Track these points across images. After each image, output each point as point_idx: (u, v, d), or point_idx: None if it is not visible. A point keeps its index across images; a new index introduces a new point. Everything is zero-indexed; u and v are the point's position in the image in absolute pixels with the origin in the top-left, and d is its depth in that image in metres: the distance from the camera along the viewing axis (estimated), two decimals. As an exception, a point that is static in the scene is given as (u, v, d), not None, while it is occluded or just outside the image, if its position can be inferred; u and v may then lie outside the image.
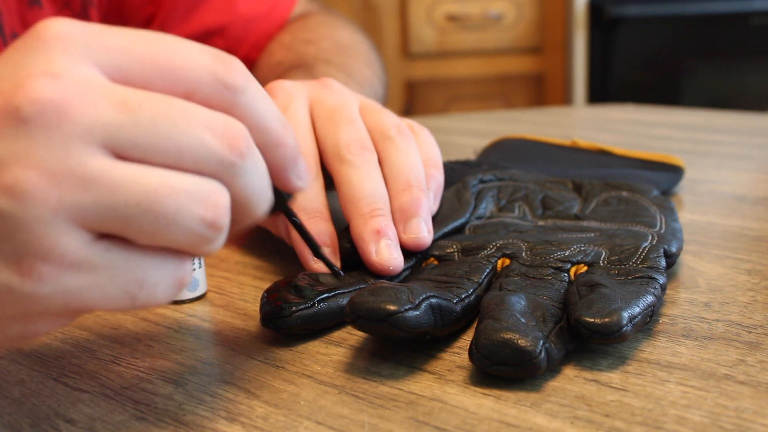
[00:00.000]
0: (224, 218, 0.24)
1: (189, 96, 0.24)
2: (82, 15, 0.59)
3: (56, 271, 0.22)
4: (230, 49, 0.67)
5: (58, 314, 0.24)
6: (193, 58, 0.24)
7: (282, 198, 0.29)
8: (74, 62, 0.22)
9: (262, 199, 0.26)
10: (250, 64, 0.68)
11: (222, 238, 0.24)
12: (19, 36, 0.53)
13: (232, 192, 0.24)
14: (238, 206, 0.25)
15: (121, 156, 0.22)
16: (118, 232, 0.23)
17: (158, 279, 0.24)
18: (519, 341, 0.27)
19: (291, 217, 0.31)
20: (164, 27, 0.65)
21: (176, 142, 0.23)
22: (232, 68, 0.24)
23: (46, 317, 0.24)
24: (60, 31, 0.23)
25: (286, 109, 0.39)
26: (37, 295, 0.22)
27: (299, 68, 0.57)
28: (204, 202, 0.23)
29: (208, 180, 0.23)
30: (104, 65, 0.23)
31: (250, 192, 0.25)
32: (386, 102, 0.64)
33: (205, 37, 0.66)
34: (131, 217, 0.22)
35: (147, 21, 0.65)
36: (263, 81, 0.60)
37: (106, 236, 0.23)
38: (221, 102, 0.24)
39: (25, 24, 0.54)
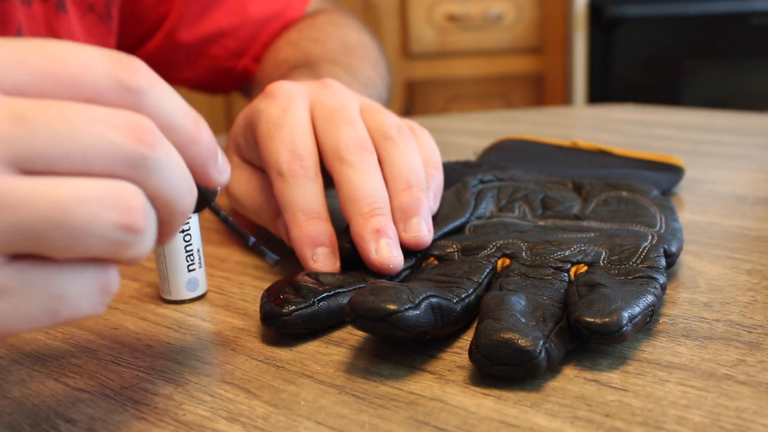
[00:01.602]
0: (140, 220, 0.22)
1: (90, 103, 0.23)
2: (106, 16, 0.59)
3: None
4: (241, 49, 0.67)
5: None
6: (90, 64, 0.23)
7: (205, 194, 0.28)
8: None
9: (184, 192, 0.24)
10: (258, 62, 0.68)
11: (146, 241, 0.23)
12: None
13: (149, 190, 0.23)
14: (160, 204, 0.24)
15: (26, 170, 0.21)
16: (31, 250, 0.21)
17: (80, 291, 0.23)
18: (519, 341, 0.27)
19: (217, 212, 0.31)
20: (177, 27, 0.65)
21: (79, 145, 0.21)
22: (132, 70, 0.23)
23: None
24: None
25: (287, 110, 0.39)
26: None
27: (303, 67, 0.57)
28: (115, 206, 0.22)
29: (119, 182, 0.22)
30: None
31: (168, 187, 0.24)
32: (387, 103, 0.64)
33: (217, 37, 0.66)
34: (41, 233, 0.21)
35: (160, 20, 0.65)
36: (267, 77, 0.61)
37: (18, 256, 0.22)
38: (125, 106, 0.23)
39: (53, 31, 0.53)
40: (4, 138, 0.21)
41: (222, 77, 0.69)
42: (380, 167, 0.38)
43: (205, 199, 0.29)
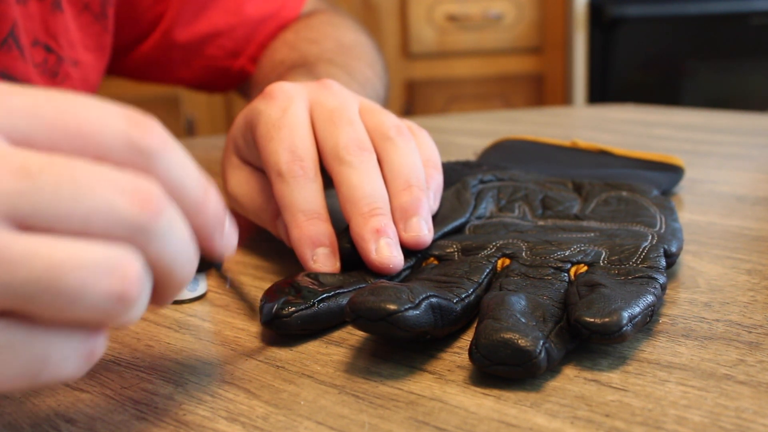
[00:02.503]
0: (135, 290, 0.21)
1: (99, 161, 0.22)
2: (101, 15, 0.59)
3: None
4: (237, 49, 0.67)
5: None
6: (104, 122, 0.22)
7: (211, 262, 0.27)
8: None
9: (184, 262, 0.24)
10: (255, 62, 0.68)
11: (138, 309, 0.22)
12: (41, 43, 0.53)
13: (148, 256, 0.22)
14: (158, 270, 0.23)
15: (24, 226, 0.20)
16: (17, 309, 0.21)
17: (64, 356, 0.22)
18: (519, 341, 0.27)
19: (224, 278, 0.30)
20: (173, 26, 0.65)
21: (82, 207, 0.21)
22: (146, 131, 0.23)
23: None
24: None
25: (286, 110, 0.39)
26: None
27: (301, 67, 0.57)
28: (112, 273, 0.21)
29: (118, 247, 0.21)
30: (5, 129, 0.21)
31: (169, 255, 0.23)
32: (386, 102, 0.64)
33: (213, 37, 0.66)
34: (32, 294, 0.20)
35: (156, 20, 0.65)
36: (265, 78, 0.61)
37: (4, 313, 0.21)
38: (134, 167, 0.23)
39: (49, 30, 0.54)
40: (6, 192, 0.20)
41: (219, 77, 0.69)
42: (380, 167, 0.38)
43: (212, 264, 0.28)
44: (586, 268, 0.34)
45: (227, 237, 0.27)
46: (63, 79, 0.56)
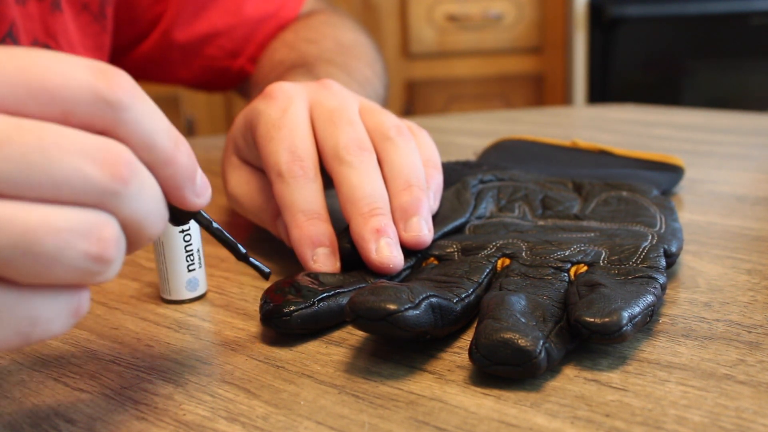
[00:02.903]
0: (112, 250, 0.22)
1: (66, 116, 0.22)
2: (100, 15, 0.59)
3: None
4: (236, 49, 0.67)
5: None
6: (70, 76, 0.22)
7: (187, 212, 0.27)
8: None
9: (155, 220, 0.24)
10: (255, 63, 0.68)
11: (114, 268, 0.23)
12: (40, 44, 0.53)
13: (120, 217, 0.23)
14: (129, 230, 0.23)
15: None
16: (0, 274, 0.21)
17: (52, 315, 0.22)
18: (519, 341, 0.27)
19: (208, 225, 0.30)
20: (172, 26, 0.65)
21: (52, 176, 0.21)
22: (114, 83, 0.22)
23: None
24: None
25: (286, 110, 0.39)
26: None
27: (300, 67, 0.57)
28: (88, 236, 0.21)
29: (92, 211, 0.22)
30: None
31: (140, 214, 0.23)
32: (386, 102, 0.64)
33: (213, 37, 0.66)
34: (9, 259, 0.21)
35: (155, 20, 0.65)
36: (264, 79, 0.61)
37: None
38: (103, 120, 0.22)
39: (48, 30, 0.54)
40: None
41: (218, 77, 0.69)
42: (380, 167, 0.38)
43: (188, 214, 0.27)
44: (586, 268, 0.34)
45: (200, 186, 0.26)
46: None
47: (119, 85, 0.23)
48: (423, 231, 0.37)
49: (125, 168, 0.22)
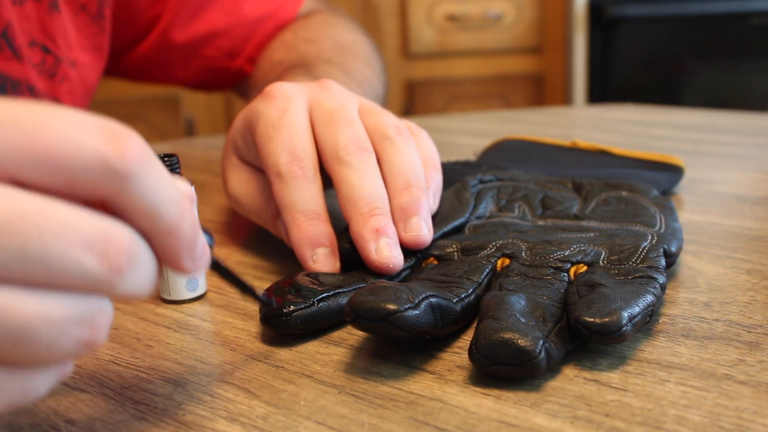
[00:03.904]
0: (103, 335, 0.22)
1: (71, 185, 0.21)
2: (98, 16, 0.59)
3: None
4: (235, 50, 0.67)
5: None
6: (78, 142, 0.21)
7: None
8: None
9: (144, 293, 0.23)
10: (254, 63, 0.68)
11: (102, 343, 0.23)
12: (38, 44, 0.53)
13: (110, 296, 0.22)
14: (117, 299, 0.23)
15: None
16: None
17: (40, 385, 0.22)
18: (519, 341, 0.27)
19: (218, 266, 0.29)
20: (170, 27, 0.65)
21: (49, 268, 0.20)
22: (125, 150, 0.21)
23: None
24: None
25: (286, 111, 0.39)
26: None
27: (299, 67, 0.57)
28: (82, 324, 0.21)
29: (87, 298, 0.21)
30: None
31: (130, 294, 0.23)
32: (386, 102, 0.64)
33: (211, 37, 0.66)
34: (4, 345, 0.20)
35: (153, 21, 0.65)
36: (263, 79, 0.61)
37: None
38: (109, 190, 0.22)
39: (46, 31, 0.54)
40: None
41: (217, 77, 0.70)
42: (379, 167, 0.38)
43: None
44: (585, 268, 0.34)
45: (198, 253, 0.25)
46: (61, 80, 0.56)
47: (129, 152, 0.22)
48: (422, 231, 0.37)
49: (124, 258, 0.22)
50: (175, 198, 0.23)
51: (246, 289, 0.31)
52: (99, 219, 0.21)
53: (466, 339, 0.32)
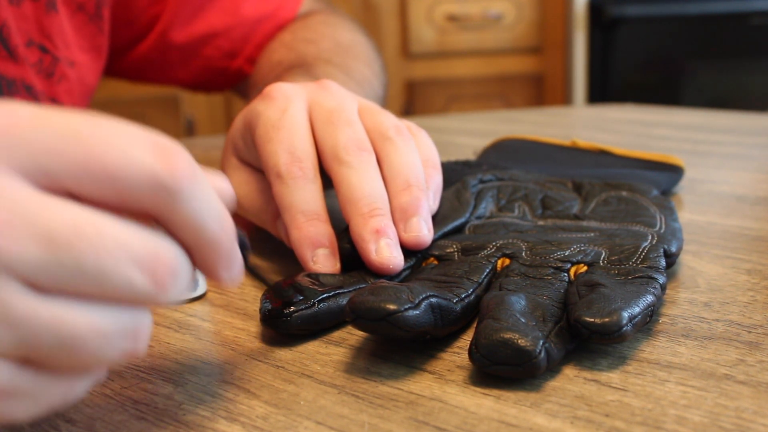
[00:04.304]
0: (145, 344, 0.23)
1: (123, 200, 0.22)
2: (96, 16, 0.59)
3: None
4: (234, 50, 0.67)
5: None
6: (130, 158, 0.22)
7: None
8: None
9: (179, 302, 0.25)
10: (254, 64, 0.68)
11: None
12: (35, 44, 0.53)
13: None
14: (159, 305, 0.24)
15: (41, 289, 0.21)
16: (41, 362, 0.22)
17: (80, 390, 0.24)
18: (519, 341, 0.27)
19: (252, 272, 0.30)
20: (170, 27, 0.65)
21: (101, 284, 0.21)
22: (174, 167, 0.22)
23: None
24: None
25: (285, 111, 0.39)
26: None
27: (299, 68, 0.57)
28: (127, 336, 0.23)
29: (132, 312, 0.23)
30: (28, 170, 0.21)
31: (168, 304, 0.24)
32: (386, 102, 0.64)
33: (210, 38, 0.66)
34: (55, 354, 0.21)
35: (153, 21, 0.65)
36: (262, 80, 0.61)
37: (29, 360, 0.22)
38: (158, 205, 0.23)
39: (43, 30, 0.54)
40: (27, 260, 0.20)
41: (216, 77, 0.70)
42: (379, 168, 0.38)
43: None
44: (585, 268, 0.34)
45: (232, 266, 0.26)
46: (59, 80, 0.56)
47: (179, 170, 0.22)
48: (423, 231, 0.37)
49: (169, 277, 0.22)
50: (218, 213, 0.25)
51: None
52: (148, 237, 0.22)
53: (466, 339, 0.32)
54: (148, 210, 0.23)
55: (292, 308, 0.32)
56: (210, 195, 0.24)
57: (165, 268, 0.22)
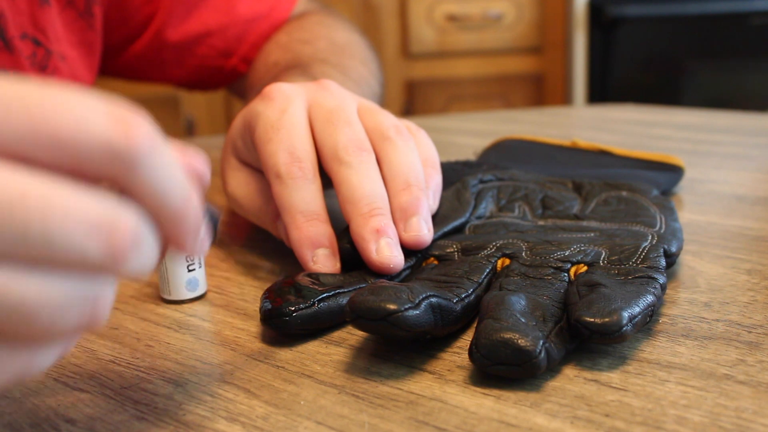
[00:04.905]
0: (104, 315, 0.22)
1: (78, 167, 0.21)
2: (86, 13, 0.59)
3: None
4: (229, 49, 0.67)
5: None
6: (84, 124, 0.21)
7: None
8: None
9: (144, 275, 0.23)
10: (249, 63, 0.68)
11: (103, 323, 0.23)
12: (29, 37, 0.53)
13: (114, 278, 0.23)
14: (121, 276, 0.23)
15: None
16: None
17: (43, 360, 0.23)
18: (519, 341, 0.27)
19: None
20: (164, 26, 0.65)
21: (51, 250, 0.20)
22: (132, 133, 0.21)
23: None
24: None
25: (285, 111, 0.39)
26: None
27: (296, 68, 0.57)
28: (83, 305, 0.21)
29: (90, 280, 0.21)
30: None
31: (130, 276, 0.23)
32: (386, 102, 0.64)
33: (205, 37, 0.66)
34: (6, 324, 0.20)
35: (147, 20, 0.65)
36: (260, 81, 0.61)
37: None
38: (115, 173, 0.22)
39: (37, 24, 0.54)
40: None
41: (211, 76, 0.70)
42: (379, 167, 0.38)
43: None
44: (586, 268, 0.34)
45: (200, 242, 0.25)
46: (52, 73, 0.56)
47: (135, 137, 0.21)
48: (423, 231, 0.37)
49: (128, 243, 0.21)
50: (181, 182, 0.23)
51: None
52: (104, 202, 0.21)
53: (466, 339, 0.32)
54: (108, 178, 0.22)
55: (292, 308, 0.32)
56: (171, 165, 0.23)
57: (121, 234, 0.21)
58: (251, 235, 0.47)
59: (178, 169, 0.23)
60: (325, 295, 0.33)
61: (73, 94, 0.21)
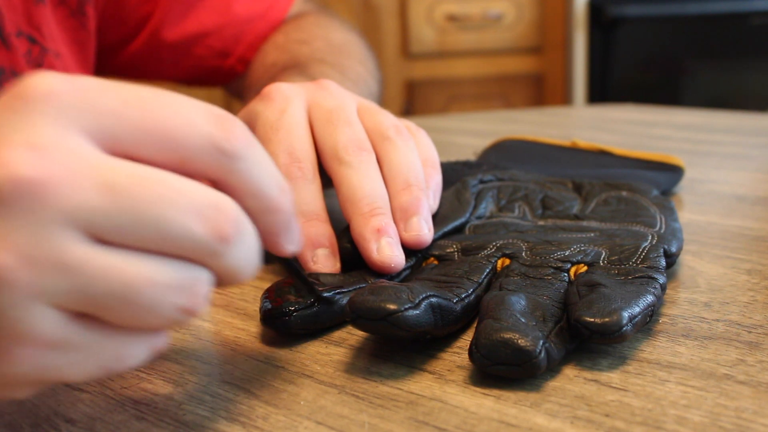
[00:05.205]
0: (202, 305, 0.23)
1: (183, 163, 0.23)
2: (78, 12, 0.59)
3: (32, 353, 0.22)
4: (226, 49, 0.67)
5: (32, 385, 0.23)
6: (189, 124, 0.23)
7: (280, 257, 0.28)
8: (61, 131, 0.21)
9: (248, 271, 0.25)
10: (246, 64, 0.68)
11: (198, 316, 0.24)
12: (24, 34, 0.53)
13: (215, 269, 0.24)
14: (221, 278, 0.24)
15: (99, 239, 0.21)
16: (94, 314, 0.22)
17: (135, 352, 0.24)
18: (519, 341, 0.27)
19: (290, 265, 0.31)
20: (161, 26, 0.65)
21: (160, 232, 0.22)
22: (231, 133, 0.23)
23: (18, 387, 0.23)
24: (49, 90, 0.22)
25: (284, 112, 0.39)
26: (12, 374, 0.22)
27: (294, 68, 0.57)
28: (183, 291, 0.23)
29: (190, 267, 0.23)
30: (94, 131, 0.22)
31: (234, 269, 0.24)
32: (386, 102, 0.64)
33: (202, 37, 0.66)
34: (109, 304, 0.22)
35: (144, 20, 0.65)
36: (258, 82, 0.61)
37: (83, 314, 0.22)
38: (217, 169, 0.23)
39: (32, 21, 0.54)
40: (90, 208, 0.21)
41: (208, 75, 0.70)
42: (379, 167, 0.38)
43: (280, 259, 0.29)
44: (586, 268, 0.34)
45: (293, 237, 0.27)
46: (48, 70, 0.56)
47: (236, 135, 0.23)
48: (423, 230, 0.37)
49: (231, 228, 0.23)
50: (277, 178, 0.25)
51: (308, 286, 0.32)
52: (210, 190, 0.23)
53: (466, 339, 0.32)
54: (209, 175, 0.23)
55: (293, 308, 0.32)
56: (267, 161, 0.25)
57: (226, 218, 0.23)
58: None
59: (272, 165, 0.25)
60: (325, 295, 0.33)
61: (180, 97, 0.23)
